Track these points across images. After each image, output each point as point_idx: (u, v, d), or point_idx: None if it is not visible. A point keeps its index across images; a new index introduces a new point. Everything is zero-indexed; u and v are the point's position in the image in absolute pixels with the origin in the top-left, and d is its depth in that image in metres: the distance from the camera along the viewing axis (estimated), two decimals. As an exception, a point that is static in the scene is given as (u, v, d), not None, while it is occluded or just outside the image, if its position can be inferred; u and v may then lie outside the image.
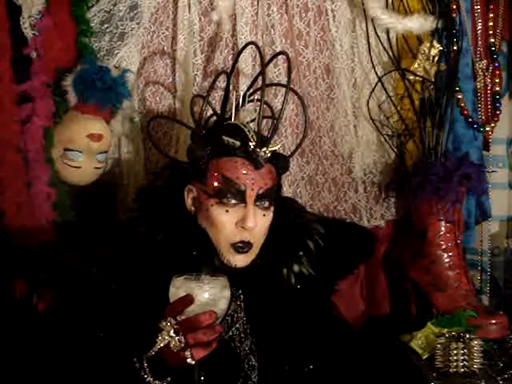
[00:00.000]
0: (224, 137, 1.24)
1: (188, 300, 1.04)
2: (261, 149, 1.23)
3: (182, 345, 1.02)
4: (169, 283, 1.10)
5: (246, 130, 1.25)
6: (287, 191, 1.71)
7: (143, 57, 1.69)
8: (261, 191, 1.23)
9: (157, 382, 1.07)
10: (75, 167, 1.50)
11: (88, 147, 1.49)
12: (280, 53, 1.38)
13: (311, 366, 1.26)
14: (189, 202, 1.30)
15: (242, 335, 1.26)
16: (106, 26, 1.62)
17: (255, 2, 1.69)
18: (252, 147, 1.23)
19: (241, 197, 1.22)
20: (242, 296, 1.29)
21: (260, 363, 1.24)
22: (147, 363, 1.06)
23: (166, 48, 1.69)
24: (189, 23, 1.66)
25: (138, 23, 1.64)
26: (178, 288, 1.06)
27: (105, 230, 1.38)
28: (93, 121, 1.50)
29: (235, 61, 1.37)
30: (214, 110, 1.45)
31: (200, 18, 1.68)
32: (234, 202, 1.23)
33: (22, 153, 1.43)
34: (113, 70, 1.54)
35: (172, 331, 1.03)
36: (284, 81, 1.69)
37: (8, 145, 1.42)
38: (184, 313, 1.05)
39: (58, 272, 1.31)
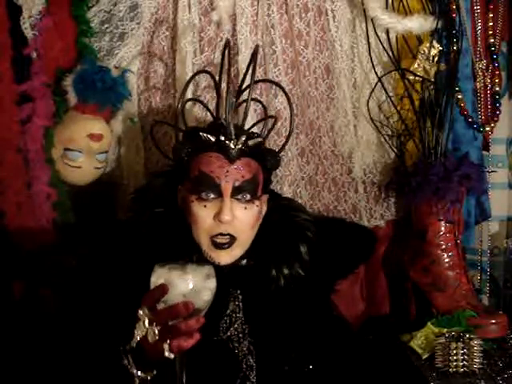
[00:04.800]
0: (200, 133, 1.26)
1: (162, 290, 1.00)
2: (231, 141, 1.24)
3: (157, 336, 0.98)
4: None
5: (225, 125, 1.25)
6: (287, 191, 1.71)
7: (143, 57, 1.69)
8: (237, 183, 1.24)
9: (141, 374, 1.03)
10: (75, 167, 1.50)
11: (88, 147, 1.49)
12: (256, 46, 1.38)
13: (311, 366, 1.25)
14: (179, 201, 1.31)
15: (241, 335, 1.26)
16: (106, 26, 1.62)
17: (255, 2, 1.69)
18: (223, 140, 1.24)
19: (217, 190, 1.23)
20: (240, 296, 1.29)
21: (258, 363, 1.24)
22: (131, 355, 1.03)
23: (165, 48, 1.69)
24: (189, 23, 1.66)
25: (138, 23, 1.64)
26: (158, 277, 1.01)
27: (102, 230, 1.38)
28: (93, 121, 1.50)
29: (222, 62, 1.37)
30: (207, 107, 1.45)
31: (200, 18, 1.68)
32: (212, 196, 1.23)
33: (22, 153, 1.44)
34: (113, 70, 1.54)
35: (147, 321, 0.99)
36: (284, 81, 1.70)
37: (8, 145, 1.42)
38: (166, 303, 1.00)
39: (57, 272, 1.31)
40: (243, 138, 1.25)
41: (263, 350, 1.25)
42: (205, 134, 1.25)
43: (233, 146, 1.24)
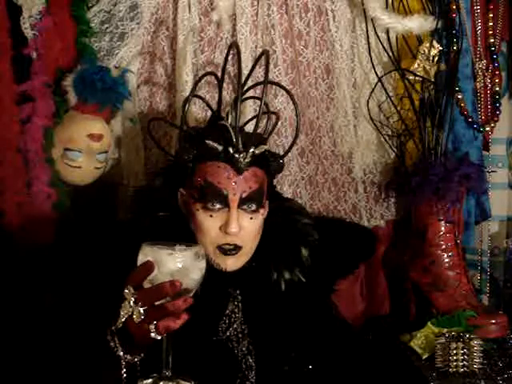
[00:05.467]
0: (207, 141, 1.24)
1: (148, 267, 0.96)
2: (240, 154, 1.22)
3: (142, 316, 0.95)
4: None
5: (231, 132, 1.23)
6: (287, 191, 1.71)
7: (143, 57, 1.69)
8: (244, 195, 1.23)
9: (127, 356, 1.01)
10: (75, 167, 1.50)
11: (88, 147, 1.49)
12: (262, 53, 1.37)
13: (310, 367, 1.25)
14: (181, 204, 1.30)
15: (240, 336, 1.25)
16: (106, 26, 1.62)
17: (255, 2, 1.70)
18: (232, 152, 1.22)
19: (224, 201, 1.22)
20: (239, 297, 1.29)
21: (258, 364, 1.24)
22: (118, 337, 0.99)
23: (165, 48, 1.69)
24: (189, 23, 1.66)
25: (138, 23, 1.64)
26: (146, 256, 0.97)
27: (102, 230, 1.38)
28: (93, 121, 1.50)
29: (224, 63, 1.37)
30: (209, 106, 1.45)
31: (200, 18, 1.68)
32: (218, 206, 1.22)
33: (21, 153, 1.43)
34: (113, 70, 1.54)
35: (132, 301, 0.95)
36: (284, 81, 1.70)
37: (8, 145, 1.42)
38: (151, 282, 0.97)
39: (57, 272, 1.31)
40: (251, 150, 1.23)
41: (262, 350, 1.25)
42: (211, 143, 1.23)
43: (242, 160, 1.23)
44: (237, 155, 1.22)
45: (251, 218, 1.24)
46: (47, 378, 1.09)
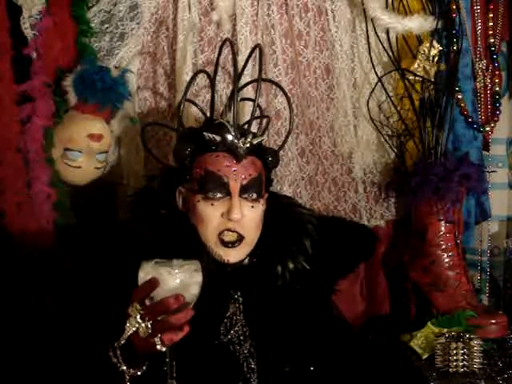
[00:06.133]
0: (204, 133, 1.26)
1: (153, 283, 1.00)
2: (239, 140, 1.25)
3: (149, 331, 0.99)
4: None
5: (228, 125, 1.26)
6: (287, 191, 1.71)
7: (143, 57, 1.69)
8: (244, 182, 1.25)
9: (131, 370, 1.04)
10: (75, 167, 1.50)
11: (88, 147, 1.49)
12: (256, 46, 1.39)
13: (312, 368, 1.25)
14: (180, 202, 1.31)
15: (241, 338, 1.25)
16: (106, 26, 1.62)
17: (255, 2, 1.70)
18: (231, 139, 1.25)
19: (225, 189, 1.24)
20: (240, 298, 1.28)
21: (259, 366, 1.24)
22: (120, 352, 1.03)
23: (165, 48, 1.69)
24: (189, 23, 1.66)
25: (138, 23, 1.65)
26: (147, 273, 1.02)
27: (102, 231, 1.38)
28: (93, 121, 1.50)
29: (217, 60, 1.39)
30: (202, 111, 1.46)
31: (200, 18, 1.68)
32: (219, 195, 1.24)
33: (22, 153, 1.43)
34: (113, 70, 1.54)
35: (138, 317, 1.00)
36: (284, 81, 1.70)
37: (8, 145, 1.42)
38: (153, 298, 1.01)
39: (57, 273, 1.31)
40: (250, 137, 1.26)
41: (264, 353, 1.24)
42: (209, 134, 1.26)
43: (241, 145, 1.26)
44: (236, 141, 1.25)
45: (252, 207, 1.26)
46: None
